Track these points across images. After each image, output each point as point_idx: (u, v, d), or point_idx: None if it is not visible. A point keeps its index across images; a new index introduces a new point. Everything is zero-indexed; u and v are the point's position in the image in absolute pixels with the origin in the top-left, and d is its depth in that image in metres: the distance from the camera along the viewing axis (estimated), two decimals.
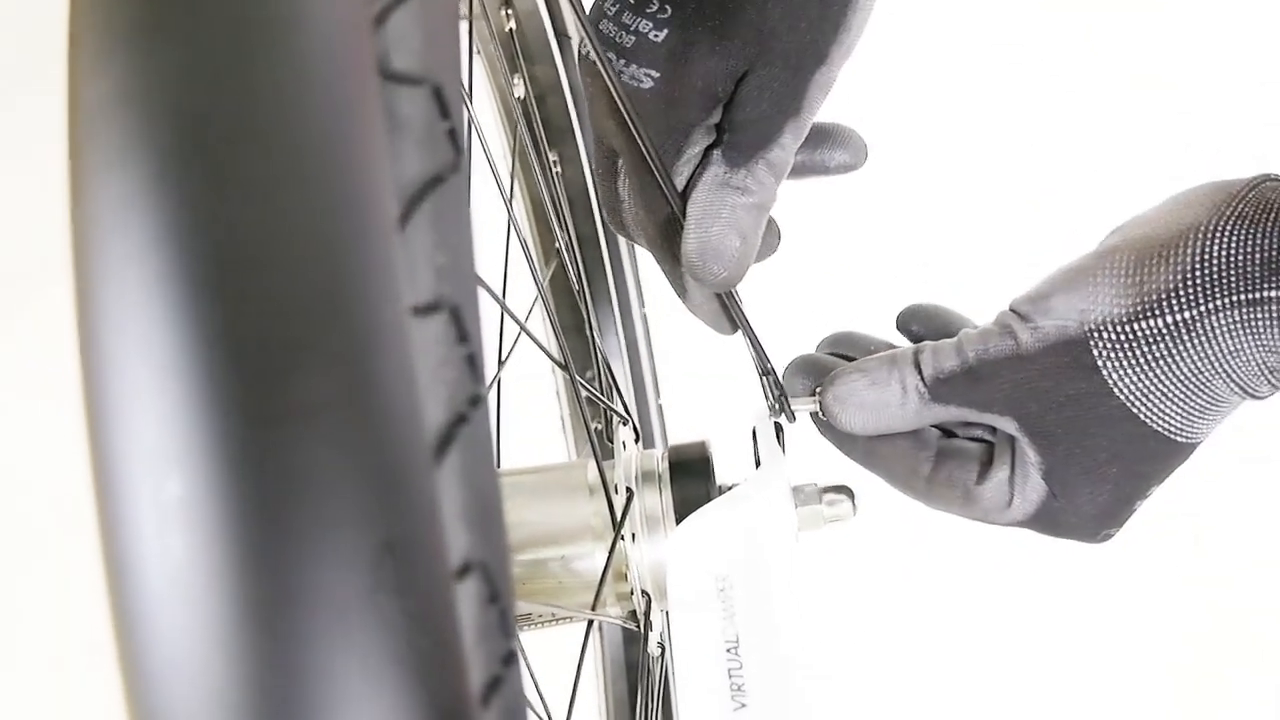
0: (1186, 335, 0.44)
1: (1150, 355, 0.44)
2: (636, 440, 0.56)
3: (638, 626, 0.52)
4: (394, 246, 0.19)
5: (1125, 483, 0.47)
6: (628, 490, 0.51)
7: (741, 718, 0.47)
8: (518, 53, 0.69)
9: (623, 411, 0.57)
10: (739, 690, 0.47)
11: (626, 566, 0.50)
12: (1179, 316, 0.44)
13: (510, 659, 0.20)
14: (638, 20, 0.44)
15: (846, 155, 0.49)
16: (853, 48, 0.44)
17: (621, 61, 0.44)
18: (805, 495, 0.51)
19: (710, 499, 0.51)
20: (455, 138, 0.21)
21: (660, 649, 0.58)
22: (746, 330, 0.50)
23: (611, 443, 0.55)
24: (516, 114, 0.70)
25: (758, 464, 0.52)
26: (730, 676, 0.47)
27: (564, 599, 0.51)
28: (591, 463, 0.52)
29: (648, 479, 0.52)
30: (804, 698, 0.47)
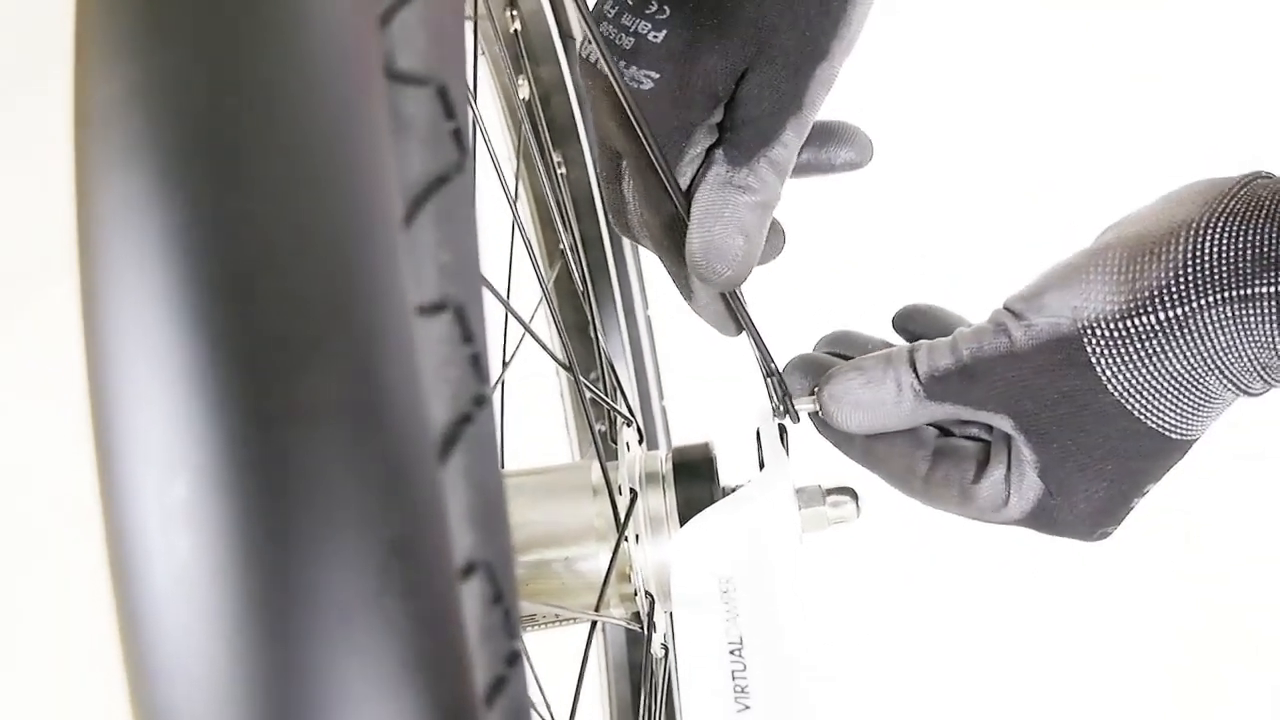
0: (1179, 331, 0.43)
1: (1143, 352, 0.44)
2: (640, 441, 0.56)
3: (641, 628, 0.52)
4: (399, 246, 0.19)
5: (1121, 480, 0.47)
6: (631, 491, 0.51)
7: (745, 719, 0.47)
8: (522, 53, 0.69)
9: (626, 412, 0.57)
10: (743, 691, 0.47)
11: (630, 567, 0.50)
12: (1172, 313, 0.43)
13: (514, 659, 0.20)
14: (637, 22, 0.44)
15: (852, 153, 0.48)
16: (854, 42, 0.44)
17: (622, 63, 0.44)
18: (809, 497, 0.51)
19: (714, 500, 0.51)
20: (460, 138, 0.21)
21: (664, 650, 0.58)
22: (751, 331, 0.50)
23: (615, 444, 0.55)
24: (521, 114, 0.70)
25: (761, 466, 0.52)
26: (734, 678, 0.47)
27: (567, 600, 0.51)
28: (595, 464, 0.52)
29: (651, 480, 0.52)
30: (808, 699, 0.47)
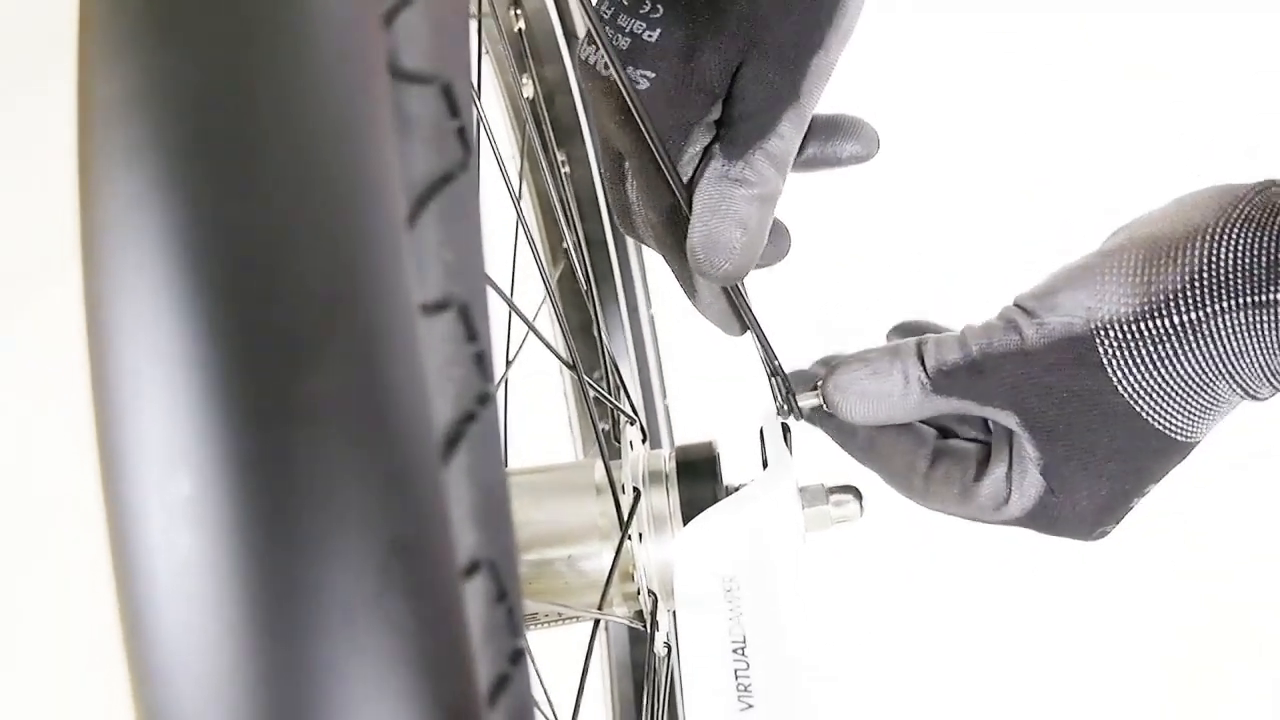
0: (1192, 336, 0.44)
1: (1155, 354, 0.44)
2: (643, 440, 0.56)
3: (644, 627, 0.52)
4: (403, 245, 0.19)
5: (1124, 480, 0.47)
6: (635, 490, 0.51)
7: (748, 718, 0.47)
8: (526, 52, 0.69)
9: (630, 411, 0.57)
10: (745, 691, 0.47)
11: (633, 566, 0.50)
12: (1185, 317, 0.44)
13: (517, 658, 0.20)
14: (632, 22, 0.44)
15: (857, 146, 0.48)
16: (851, 31, 0.44)
17: (620, 64, 0.44)
18: (812, 496, 0.51)
19: (717, 499, 0.51)
20: (464, 136, 0.21)
21: (666, 649, 0.58)
22: (755, 330, 0.50)
23: (618, 443, 0.55)
24: (525, 113, 0.70)
25: (765, 465, 0.52)
26: (737, 677, 0.47)
27: (570, 599, 0.51)
28: (598, 462, 0.52)
29: (655, 479, 0.52)
30: (810, 698, 0.47)
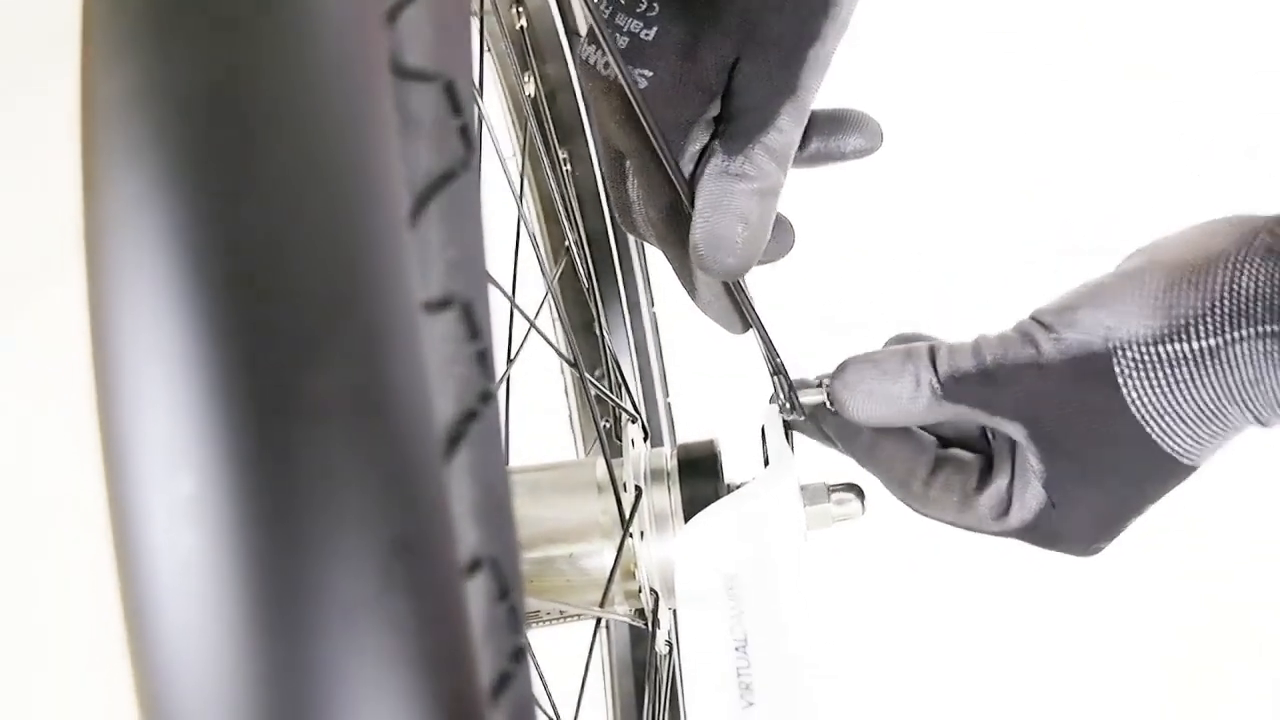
0: (1210, 361, 0.44)
1: (1172, 378, 0.44)
2: (645, 438, 0.56)
3: (645, 624, 0.52)
4: (406, 243, 0.19)
5: (1124, 499, 0.48)
6: (636, 488, 0.51)
7: (749, 716, 0.47)
8: (528, 50, 0.69)
9: (631, 409, 0.57)
10: (747, 689, 0.47)
11: (634, 564, 0.50)
12: (1204, 343, 0.44)
13: (519, 655, 0.20)
14: (629, 21, 0.44)
15: (861, 140, 0.48)
16: (847, 22, 0.43)
17: (622, 63, 0.44)
18: (814, 494, 0.51)
19: (719, 497, 0.51)
20: (466, 134, 0.21)
21: (667, 647, 0.58)
22: (758, 327, 0.50)
23: (620, 441, 0.55)
24: (527, 111, 0.70)
25: (766, 462, 0.52)
26: (738, 675, 0.47)
27: (572, 597, 0.51)
28: (600, 460, 0.52)
29: (656, 477, 0.52)
30: (812, 697, 0.47)
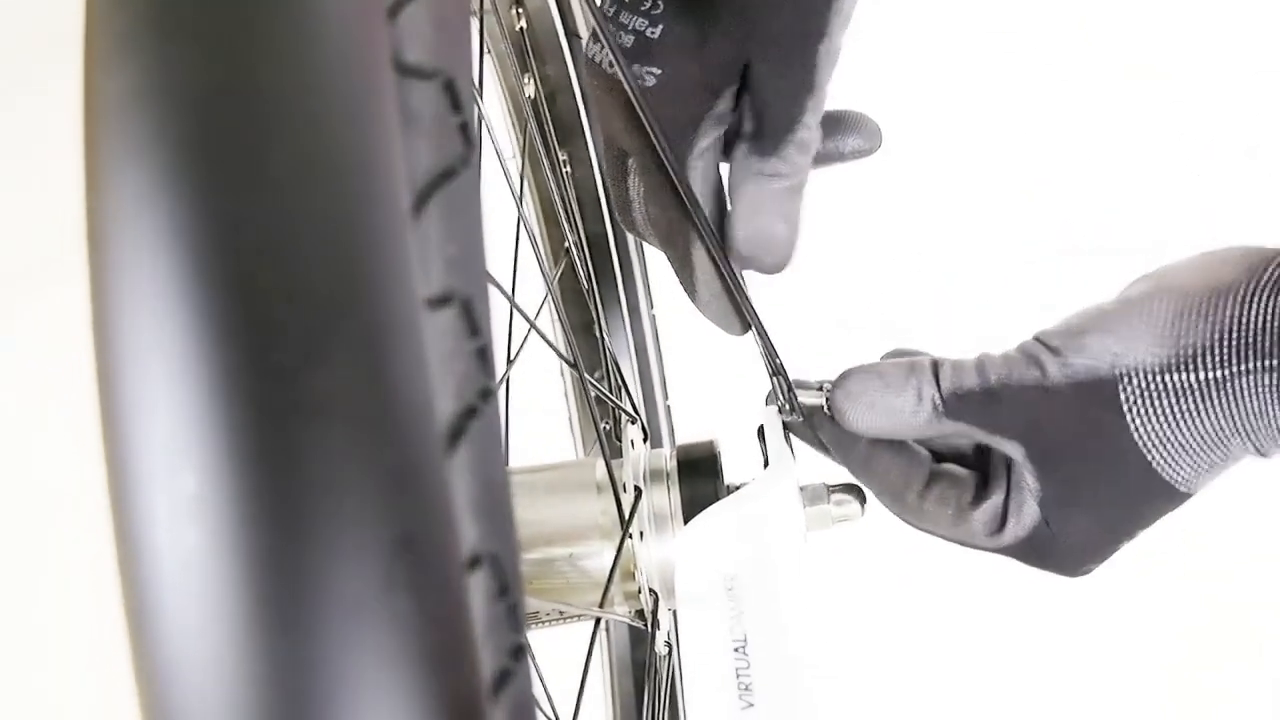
0: (1216, 393, 0.44)
1: (1178, 408, 0.45)
2: (645, 439, 0.56)
3: (645, 625, 0.52)
4: (408, 240, 0.19)
5: (1119, 523, 0.48)
6: (636, 489, 0.51)
7: (749, 717, 0.47)
8: (528, 51, 0.69)
9: (631, 410, 0.57)
10: (746, 689, 0.47)
11: (634, 565, 0.50)
12: (1211, 374, 0.44)
13: (519, 652, 0.20)
14: (634, 19, 0.44)
15: (861, 140, 0.48)
16: (850, 16, 0.44)
17: (624, 61, 0.44)
18: (813, 495, 0.51)
19: (718, 498, 0.51)
20: (466, 131, 0.21)
21: (667, 648, 0.58)
22: (757, 327, 0.50)
23: (620, 442, 0.55)
24: (526, 113, 0.70)
25: (766, 463, 0.52)
26: (738, 676, 0.47)
27: (572, 597, 0.51)
28: (600, 461, 0.52)
29: (656, 477, 0.52)
30: (811, 697, 0.47)
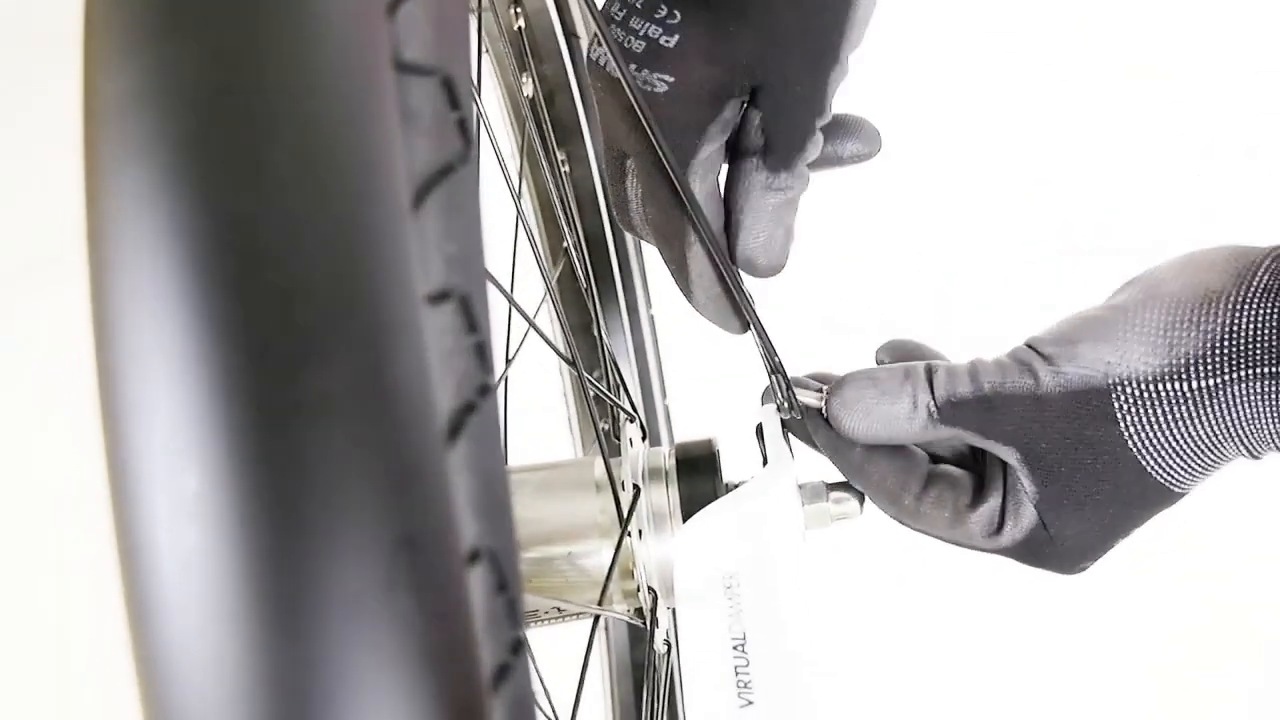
0: (1209, 401, 0.44)
1: (1172, 415, 0.45)
2: (643, 438, 0.56)
3: (644, 623, 0.52)
4: (409, 238, 0.19)
5: (1115, 523, 0.48)
6: (634, 487, 0.51)
7: (748, 715, 0.47)
8: (526, 51, 0.69)
9: (629, 408, 0.57)
10: (745, 687, 0.47)
11: (633, 563, 0.50)
12: (1205, 382, 0.44)
13: (518, 647, 0.20)
14: (647, 25, 0.44)
15: (859, 145, 0.49)
16: (859, 41, 0.44)
17: (632, 66, 0.45)
18: (812, 493, 0.51)
19: (717, 496, 0.51)
20: (464, 128, 0.21)
21: (666, 646, 0.58)
22: (756, 327, 0.50)
23: (618, 441, 0.55)
24: (525, 112, 0.70)
25: (764, 462, 0.52)
26: (737, 673, 0.47)
27: (570, 595, 0.51)
28: (598, 459, 0.52)
29: (655, 476, 0.52)
30: (810, 695, 0.47)
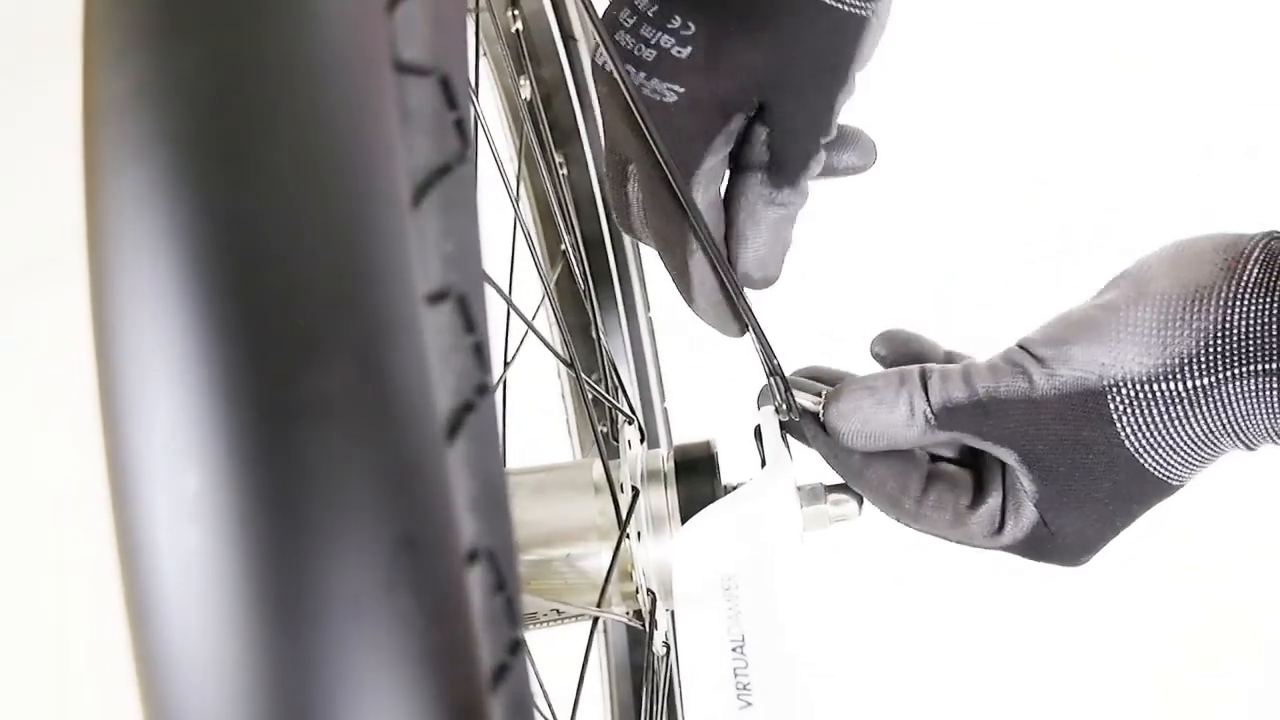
0: (1204, 399, 0.45)
1: (1167, 415, 0.45)
2: (642, 440, 0.56)
3: (643, 625, 0.52)
4: (409, 239, 0.19)
5: (1114, 517, 0.48)
6: (633, 489, 0.51)
7: (747, 716, 0.47)
8: (524, 53, 0.70)
9: (628, 410, 0.57)
10: (744, 689, 0.47)
11: (632, 565, 0.50)
12: (1199, 381, 0.44)
13: (516, 647, 0.20)
14: (659, 35, 0.44)
15: (855, 156, 0.49)
16: (867, 62, 0.45)
17: (641, 75, 0.45)
18: (811, 495, 0.51)
19: (715, 498, 0.51)
20: (462, 128, 0.21)
21: (665, 648, 0.58)
22: (755, 330, 0.50)
23: (617, 444, 0.55)
24: (523, 115, 0.70)
25: (763, 464, 0.52)
26: (736, 675, 0.47)
27: (569, 597, 0.51)
28: (597, 461, 0.52)
29: (653, 478, 0.52)
30: (809, 696, 0.47)
